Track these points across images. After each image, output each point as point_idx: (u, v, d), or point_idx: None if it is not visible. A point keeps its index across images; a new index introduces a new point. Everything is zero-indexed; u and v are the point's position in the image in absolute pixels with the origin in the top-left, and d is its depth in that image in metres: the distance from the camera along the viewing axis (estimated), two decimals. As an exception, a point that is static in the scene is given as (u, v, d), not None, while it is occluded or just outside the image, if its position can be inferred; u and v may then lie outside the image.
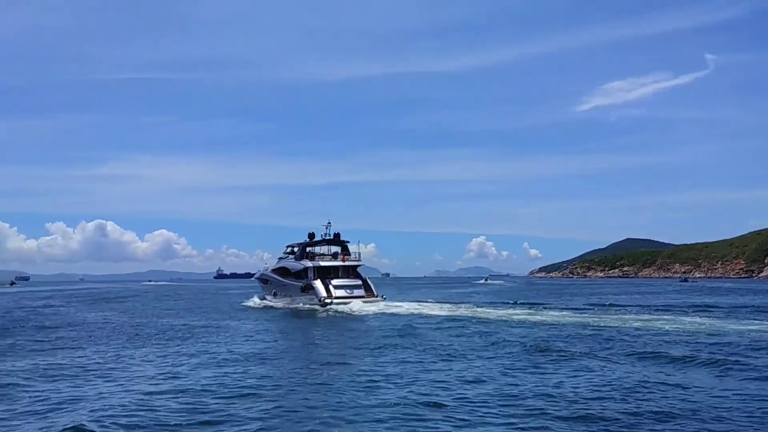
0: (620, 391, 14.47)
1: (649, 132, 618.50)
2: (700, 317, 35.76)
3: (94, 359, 20.83)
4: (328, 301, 48.57)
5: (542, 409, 12.75)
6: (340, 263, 53.03)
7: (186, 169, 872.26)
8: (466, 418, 12.16)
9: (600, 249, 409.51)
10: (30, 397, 14.66)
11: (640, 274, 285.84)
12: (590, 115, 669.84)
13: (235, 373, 17.67)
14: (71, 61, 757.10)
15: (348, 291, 50.00)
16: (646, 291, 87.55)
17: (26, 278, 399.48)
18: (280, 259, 60.57)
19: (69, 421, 11.91)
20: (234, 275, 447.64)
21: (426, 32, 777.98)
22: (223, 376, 17.00)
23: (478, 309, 44.90)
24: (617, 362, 18.81)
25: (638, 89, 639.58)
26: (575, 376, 16.49)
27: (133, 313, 48.72)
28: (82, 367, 18.99)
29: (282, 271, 57.88)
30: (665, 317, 35.50)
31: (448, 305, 50.31)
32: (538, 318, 35.98)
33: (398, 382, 16.01)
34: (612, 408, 12.69)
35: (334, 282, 50.44)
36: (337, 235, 56.04)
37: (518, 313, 39.61)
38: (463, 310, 43.95)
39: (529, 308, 45.51)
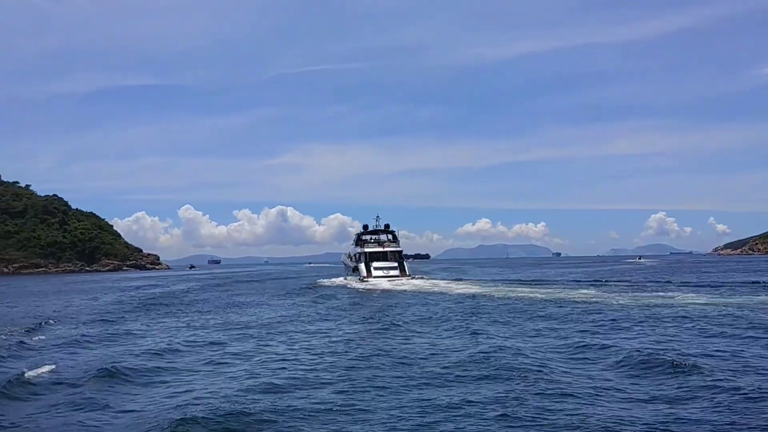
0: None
1: None
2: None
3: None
4: (366, 279, 60.66)
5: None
6: (382, 249, 64.80)
7: (357, 156, 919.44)
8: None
9: None
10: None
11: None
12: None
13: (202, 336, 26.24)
14: (252, 60, 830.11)
15: (384, 272, 61.55)
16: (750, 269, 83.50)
17: (218, 261, 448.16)
18: (351, 245, 71.66)
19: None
20: (406, 256, 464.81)
21: (596, 3, 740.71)
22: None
23: (494, 288, 49.77)
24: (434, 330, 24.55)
25: None
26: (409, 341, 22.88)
27: (234, 293, 58.01)
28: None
29: (348, 256, 72.83)
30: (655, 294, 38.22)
31: (471, 283, 57.61)
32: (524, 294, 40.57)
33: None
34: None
35: (375, 264, 62.33)
36: (386, 226, 69.10)
37: (520, 291, 44.49)
38: (473, 288, 50.00)
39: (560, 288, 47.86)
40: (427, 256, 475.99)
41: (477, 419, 11.48)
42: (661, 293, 39.08)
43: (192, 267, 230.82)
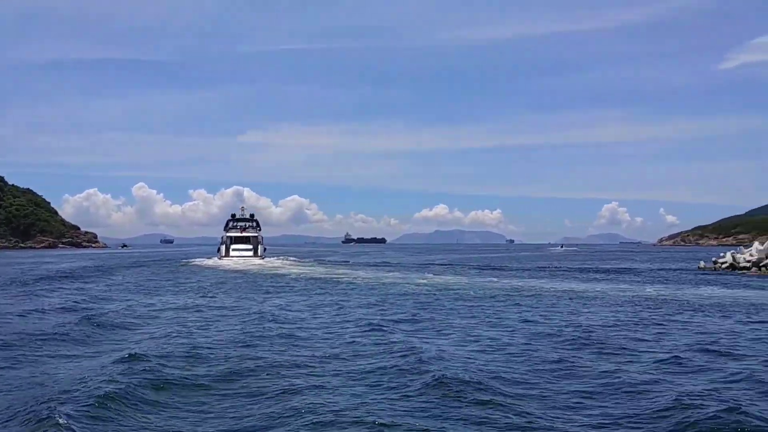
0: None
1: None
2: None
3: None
4: (224, 257, 72.40)
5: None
6: (242, 234, 75.91)
7: (324, 138, 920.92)
8: None
9: (738, 215, 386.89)
10: None
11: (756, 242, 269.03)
12: (736, 72, 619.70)
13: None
14: (221, 36, 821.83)
15: (239, 252, 72.48)
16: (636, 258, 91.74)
17: (170, 241, 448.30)
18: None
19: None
20: (361, 240, 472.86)
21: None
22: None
23: (315, 268, 58.10)
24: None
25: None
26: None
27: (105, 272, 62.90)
28: None
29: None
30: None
31: (309, 264, 67.40)
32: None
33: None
34: None
35: (234, 246, 73.59)
36: (252, 215, 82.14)
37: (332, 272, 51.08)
38: (300, 269, 58.12)
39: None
40: (383, 241, 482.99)
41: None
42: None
43: (124, 246, 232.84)
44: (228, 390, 11.56)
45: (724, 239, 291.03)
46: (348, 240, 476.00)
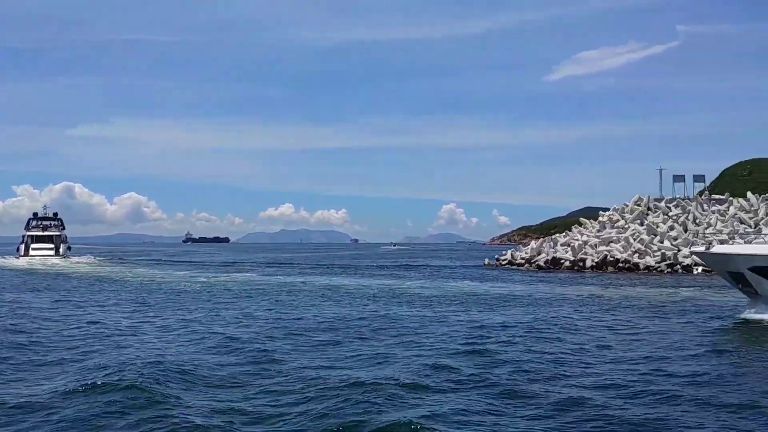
0: None
1: (622, 101, 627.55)
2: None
3: None
4: (22, 256, 72.24)
5: None
6: (44, 233, 75.39)
7: (164, 133, 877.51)
8: None
9: (560, 217, 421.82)
10: None
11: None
12: (561, 84, 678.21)
13: None
14: (60, 23, 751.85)
15: (39, 251, 72.05)
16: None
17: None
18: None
19: None
20: (203, 239, 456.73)
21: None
22: None
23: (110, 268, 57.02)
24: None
25: (611, 58, 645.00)
26: None
27: None
28: None
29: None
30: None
31: (107, 264, 66.54)
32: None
33: None
34: None
35: (33, 245, 73.28)
36: (55, 214, 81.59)
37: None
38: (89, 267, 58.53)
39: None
40: (226, 240, 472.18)
41: None
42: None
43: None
44: None
45: (545, 238, 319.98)
46: (188, 239, 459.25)
